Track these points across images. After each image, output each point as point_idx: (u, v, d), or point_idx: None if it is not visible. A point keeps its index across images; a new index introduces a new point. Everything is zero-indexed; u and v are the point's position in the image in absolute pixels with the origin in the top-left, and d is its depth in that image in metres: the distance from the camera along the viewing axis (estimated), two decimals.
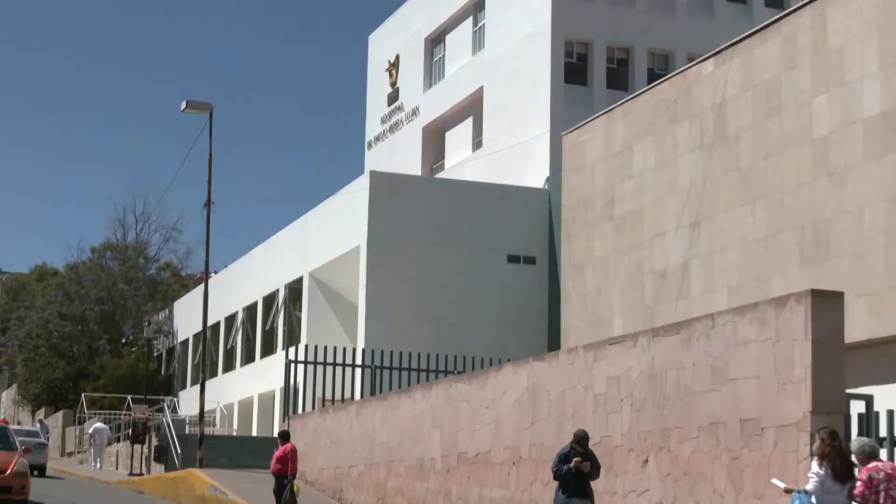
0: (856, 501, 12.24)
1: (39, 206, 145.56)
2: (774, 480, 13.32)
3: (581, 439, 15.67)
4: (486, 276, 37.97)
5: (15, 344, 70.94)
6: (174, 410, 49.07)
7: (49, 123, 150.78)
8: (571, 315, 28.50)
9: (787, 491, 12.82)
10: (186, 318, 58.12)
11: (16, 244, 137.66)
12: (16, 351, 71.35)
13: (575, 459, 15.42)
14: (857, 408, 14.07)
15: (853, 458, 12.49)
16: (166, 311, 62.97)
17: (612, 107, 28.28)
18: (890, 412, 13.75)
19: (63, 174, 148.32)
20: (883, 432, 13.80)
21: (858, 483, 12.24)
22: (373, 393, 29.83)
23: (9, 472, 23.90)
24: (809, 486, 12.47)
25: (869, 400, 14.17)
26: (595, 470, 15.72)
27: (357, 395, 31.06)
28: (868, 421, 13.95)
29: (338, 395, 30.69)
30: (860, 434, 13.93)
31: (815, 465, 12.49)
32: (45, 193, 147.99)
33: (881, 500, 12.06)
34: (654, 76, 38.10)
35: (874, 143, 19.64)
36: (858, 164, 19.95)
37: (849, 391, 14.05)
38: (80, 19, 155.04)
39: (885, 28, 19.61)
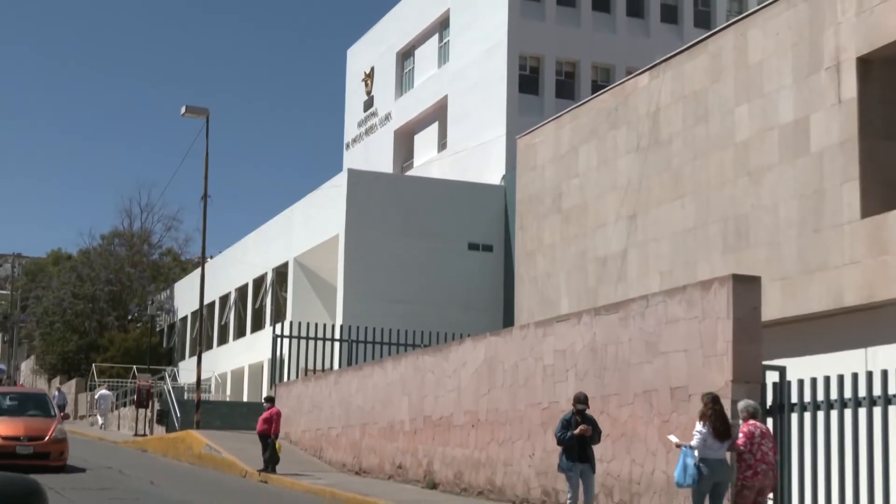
0: (739, 450, 12.66)
1: (55, 197, 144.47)
2: (671, 437, 13.55)
3: (580, 399, 14.81)
4: (450, 261, 37.96)
5: (33, 320, 70.39)
6: (174, 379, 48.84)
7: (64, 122, 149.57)
8: (524, 296, 28.51)
9: (678, 446, 13.15)
10: (185, 297, 57.84)
11: (34, 231, 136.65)
12: (34, 326, 70.81)
13: (580, 427, 14.68)
14: (772, 377, 14.16)
15: (740, 413, 12.89)
16: (167, 291, 62.64)
17: (560, 114, 28.27)
18: (800, 381, 13.83)
19: (76, 169, 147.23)
20: (794, 398, 13.88)
21: (741, 435, 12.68)
22: (350, 364, 29.76)
23: (47, 438, 22.23)
24: (693, 442, 12.86)
25: (782, 371, 14.26)
26: (597, 434, 14.89)
27: (336, 366, 31.01)
28: (781, 389, 14.03)
29: (319, 366, 30.62)
30: (775, 400, 14.04)
31: (698, 425, 12.86)
32: (60, 186, 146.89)
33: (754, 451, 12.59)
34: (597, 87, 38.13)
35: (788, 147, 19.73)
36: (774, 165, 20.03)
37: (765, 363, 14.14)
38: (86, 24, 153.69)
39: (797, 46, 19.69)
